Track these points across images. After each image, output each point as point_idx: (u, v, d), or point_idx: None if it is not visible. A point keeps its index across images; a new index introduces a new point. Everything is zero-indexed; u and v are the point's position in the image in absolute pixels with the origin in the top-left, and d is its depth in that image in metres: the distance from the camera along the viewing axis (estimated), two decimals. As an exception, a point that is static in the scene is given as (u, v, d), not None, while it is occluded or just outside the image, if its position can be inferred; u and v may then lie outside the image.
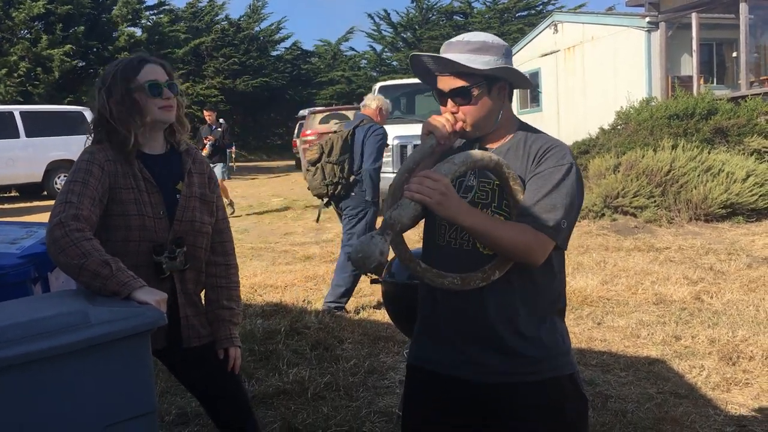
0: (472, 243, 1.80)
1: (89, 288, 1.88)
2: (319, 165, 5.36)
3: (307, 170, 5.49)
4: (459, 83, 1.78)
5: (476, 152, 1.74)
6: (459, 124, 1.80)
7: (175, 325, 2.21)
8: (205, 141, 11.03)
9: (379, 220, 1.90)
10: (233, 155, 22.74)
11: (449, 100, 1.80)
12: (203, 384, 2.41)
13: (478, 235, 1.71)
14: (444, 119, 1.78)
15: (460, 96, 1.79)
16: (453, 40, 1.84)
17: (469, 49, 1.78)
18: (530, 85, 1.95)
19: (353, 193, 5.41)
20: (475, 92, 1.78)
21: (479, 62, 1.76)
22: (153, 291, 1.88)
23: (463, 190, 1.82)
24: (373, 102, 5.62)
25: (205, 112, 11.97)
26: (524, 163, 1.80)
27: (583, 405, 1.89)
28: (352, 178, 5.36)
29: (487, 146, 1.86)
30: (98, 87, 2.22)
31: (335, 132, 5.54)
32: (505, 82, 1.84)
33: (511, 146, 1.84)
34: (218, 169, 10.97)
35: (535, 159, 1.79)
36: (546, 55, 18.96)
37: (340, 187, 5.35)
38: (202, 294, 2.42)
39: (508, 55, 1.83)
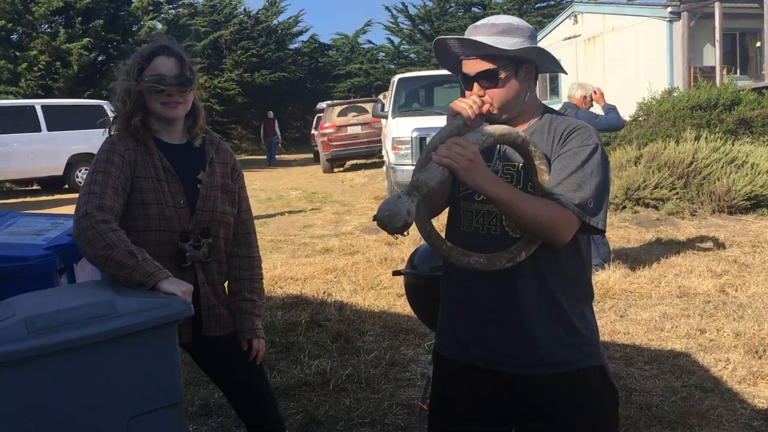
0: (501, 227, 1.78)
1: (115, 279, 1.89)
2: None
3: None
4: (486, 66, 1.76)
5: (504, 126, 1.72)
6: (486, 107, 1.77)
7: (198, 316, 2.21)
8: None
9: None
10: (279, 145, 23.60)
11: (475, 83, 1.78)
12: (226, 375, 2.41)
13: (503, 206, 1.67)
14: (471, 101, 1.76)
15: (487, 79, 1.76)
16: (478, 23, 1.81)
17: (495, 32, 1.76)
18: (559, 66, 1.90)
19: None
20: (502, 74, 1.76)
21: (506, 44, 1.74)
22: (179, 282, 1.88)
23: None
24: (578, 91, 6.02)
25: None
26: (549, 145, 1.78)
27: (613, 396, 1.86)
28: None
29: None
30: (122, 73, 2.22)
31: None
32: (531, 65, 1.82)
33: (536, 129, 1.82)
34: None
35: (561, 139, 1.77)
36: (567, 39, 18.80)
37: None
38: (226, 285, 2.42)
39: (533, 37, 1.81)
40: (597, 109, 6.34)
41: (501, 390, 1.83)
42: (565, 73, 1.99)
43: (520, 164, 1.78)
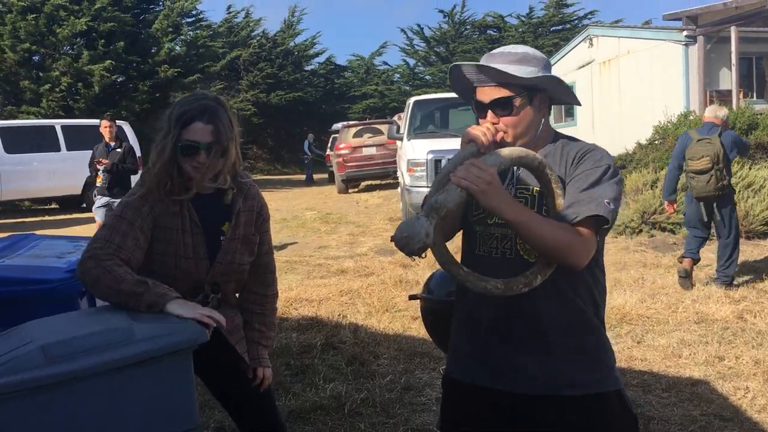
0: (515, 251, 1.78)
1: (126, 307, 1.91)
2: (712, 172, 6.17)
3: (693, 177, 6.27)
4: (501, 93, 1.77)
5: (522, 149, 1.73)
6: (500, 135, 1.78)
7: (205, 360, 2.21)
8: (97, 165, 8.05)
9: None
10: (306, 162, 24.84)
11: (490, 111, 1.79)
12: (234, 400, 2.43)
13: (520, 229, 1.67)
14: (485, 128, 1.76)
15: (501, 106, 1.77)
16: (494, 51, 1.83)
17: (510, 60, 1.77)
18: (573, 97, 1.91)
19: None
20: (517, 102, 1.77)
21: (522, 72, 1.75)
22: (187, 304, 1.91)
23: None
24: (720, 112, 6.62)
25: (102, 123, 8.47)
26: (563, 168, 1.79)
27: (632, 423, 1.84)
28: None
29: None
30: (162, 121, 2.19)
31: (709, 142, 6.28)
32: (545, 94, 1.83)
33: (549, 152, 1.83)
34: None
35: (573, 162, 1.78)
36: (581, 67, 18.83)
37: (725, 186, 6.29)
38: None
39: (547, 67, 1.82)
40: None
41: (514, 412, 1.82)
42: (579, 104, 2.00)
43: (535, 188, 1.79)
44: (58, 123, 15.69)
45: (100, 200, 8.21)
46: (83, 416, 1.64)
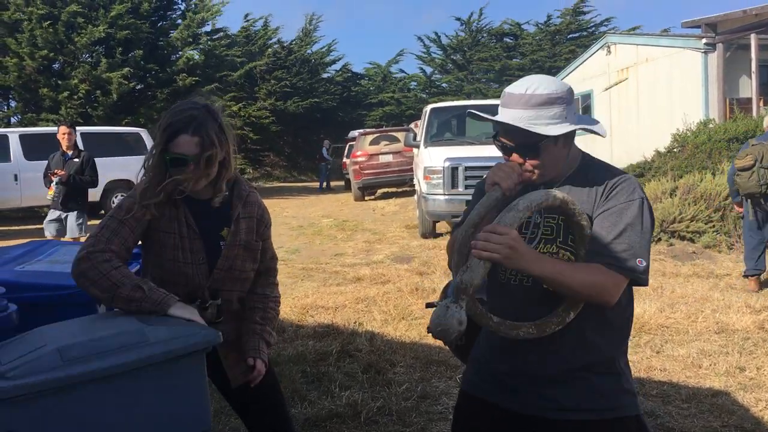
0: (533, 278, 1.76)
1: (125, 310, 1.95)
2: (753, 170, 6.41)
3: (738, 175, 6.56)
4: (527, 139, 1.73)
5: (539, 194, 1.69)
6: (526, 175, 1.76)
7: (214, 363, 2.23)
8: (51, 176, 7.42)
9: None
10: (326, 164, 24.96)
11: (515, 153, 1.77)
12: (246, 408, 2.43)
13: (549, 282, 1.67)
14: (510, 169, 1.74)
15: (527, 149, 1.75)
16: (515, 92, 1.74)
17: (533, 104, 1.71)
18: (600, 131, 1.86)
19: None
20: (544, 147, 1.74)
21: (546, 118, 1.71)
22: (186, 307, 1.96)
23: (528, 227, 1.79)
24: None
25: (60, 129, 7.86)
26: (591, 199, 1.76)
27: None
28: None
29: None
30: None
31: (754, 145, 6.59)
32: (571, 132, 1.79)
33: (574, 182, 1.80)
34: (72, 220, 7.52)
35: (603, 194, 1.74)
36: (598, 76, 18.75)
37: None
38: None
39: (570, 99, 1.77)
40: None
41: None
42: (603, 136, 1.95)
43: (561, 216, 1.77)
44: (77, 131, 15.82)
45: (51, 214, 7.57)
46: (97, 419, 1.65)
